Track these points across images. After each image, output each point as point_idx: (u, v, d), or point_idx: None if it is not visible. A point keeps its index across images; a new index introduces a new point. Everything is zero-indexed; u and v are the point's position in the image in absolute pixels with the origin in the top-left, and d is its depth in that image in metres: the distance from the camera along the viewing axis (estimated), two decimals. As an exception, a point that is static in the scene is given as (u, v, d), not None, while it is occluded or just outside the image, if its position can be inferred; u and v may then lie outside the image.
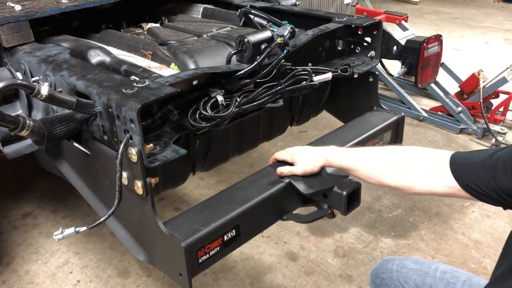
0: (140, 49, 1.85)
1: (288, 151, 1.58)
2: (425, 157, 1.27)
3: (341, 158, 1.45)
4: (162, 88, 1.31)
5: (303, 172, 1.51)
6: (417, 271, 1.44)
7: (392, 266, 1.48)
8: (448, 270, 1.42)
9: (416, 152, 1.31)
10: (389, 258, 1.54)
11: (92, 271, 2.34)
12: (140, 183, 1.26)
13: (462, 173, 1.15)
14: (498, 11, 7.23)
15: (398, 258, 1.51)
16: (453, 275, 1.40)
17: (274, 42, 1.61)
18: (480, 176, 1.10)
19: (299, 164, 1.52)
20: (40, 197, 2.91)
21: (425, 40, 1.96)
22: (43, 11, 1.83)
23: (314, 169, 1.50)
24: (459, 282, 1.37)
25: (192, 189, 2.93)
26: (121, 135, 1.28)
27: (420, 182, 1.25)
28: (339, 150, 1.48)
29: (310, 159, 1.50)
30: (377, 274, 1.51)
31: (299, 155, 1.54)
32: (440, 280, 1.39)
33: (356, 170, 1.40)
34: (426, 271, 1.43)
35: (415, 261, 1.48)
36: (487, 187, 1.09)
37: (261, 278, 2.29)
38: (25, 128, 1.27)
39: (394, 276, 1.45)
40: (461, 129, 3.58)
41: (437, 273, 1.41)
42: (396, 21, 4.00)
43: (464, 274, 1.40)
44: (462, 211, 2.74)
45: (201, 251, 1.29)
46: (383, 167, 1.33)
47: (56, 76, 1.55)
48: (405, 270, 1.45)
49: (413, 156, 1.30)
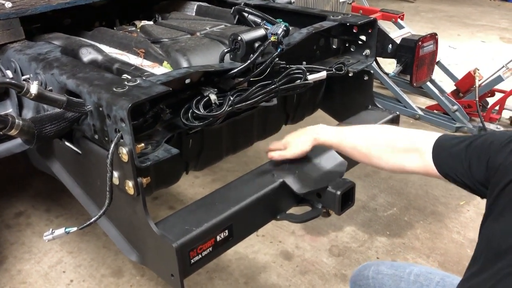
0: (132, 47, 1.83)
1: (282, 140, 1.63)
2: (410, 137, 1.33)
3: (329, 136, 1.49)
4: (154, 87, 1.30)
5: (293, 155, 1.56)
6: (392, 276, 1.44)
7: (368, 273, 1.48)
8: (422, 272, 1.43)
9: (401, 132, 1.39)
10: (366, 264, 1.54)
11: (85, 271, 2.32)
12: (131, 183, 1.25)
13: (442, 161, 1.22)
14: (494, 10, 7.23)
15: (374, 264, 1.51)
16: (426, 277, 1.41)
17: (268, 41, 1.59)
18: (458, 166, 1.15)
19: (289, 148, 1.57)
20: (34, 196, 2.89)
21: (420, 39, 1.94)
22: (34, 8, 1.81)
23: (304, 150, 1.55)
24: (432, 283, 1.39)
25: (186, 188, 2.92)
26: (112, 134, 1.26)
27: (406, 162, 1.31)
28: (327, 128, 1.53)
29: (299, 141, 1.55)
30: (355, 282, 1.52)
31: (289, 140, 1.59)
32: (413, 284, 1.40)
33: (343, 147, 1.45)
34: (400, 275, 1.44)
35: (390, 265, 1.49)
36: (464, 176, 1.14)
37: (255, 277, 2.28)
38: (14, 127, 1.25)
39: (371, 283, 1.46)
40: (457, 128, 3.58)
41: (410, 277, 1.42)
42: (392, 19, 3.98)
43: (438, 275, 1.41)
44: (458, 210, 2.73)
45: (193, 252, 1.28)
46: (369, 145, 1.39)
47: (47, 74, 1.54)
48: (380, 276, 1.45)
49: (398, 136, 1.37)
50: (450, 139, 1.23)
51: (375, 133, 1.43)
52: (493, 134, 1.13)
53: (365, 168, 3.04)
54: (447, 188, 2.87)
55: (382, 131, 1.43)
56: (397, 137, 1.37)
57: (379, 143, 1.38)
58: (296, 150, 1.55)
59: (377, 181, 2.99)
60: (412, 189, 2.91)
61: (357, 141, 1.43)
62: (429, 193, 2.87)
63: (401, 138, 1.35)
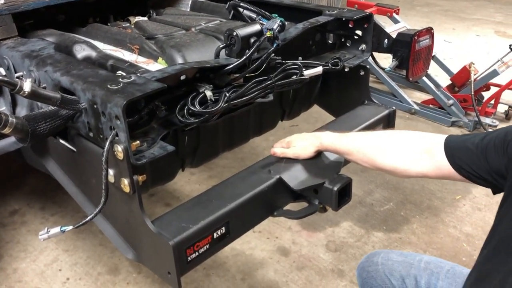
0: (127, 43, 1.82)
1: (286, 138, 1.63)
2: (419, 140, 1.31)
3: (335, 142, 1.48)
4: (149, 83, 1.29)
5: (295, 155, 1.56)
6: (402, 263, 1.45)
7: (378, 259, 1.49)
8: (432, 260, 1.45)
9: (409, 135, 1.36)
10: (375, 252, 1.55)
11: (81, 269, 2.31)
12: (126, 181, 1.24)
13: (455, 156, 1.20)
14: (489, 3, 7.23)
15: (384, 251, 1.53)
16: (437, 265, 1.42)
17: (264, 36, 1.58)
18: (473, 158, 1.15)
19: (292, 148, 1.57)
20: (29, 194, 2.87)
21: (416, 33, 1.94)
22: (26, 5, 1.78)
23: (307, 153, 1.55)
24: (443, 271, 1.40)
25: (182, 185, 2.91)
26: (107, 132, 1.25)
27: (413, 164, 1.29)
28: (334, 135, 1.52)
29: (305, 143, 1.55)
30: (363, 267, 1.53)
31: (294, 140, 1.59)
32: (424, 271, 1.41)
33: (351, 154, 1.44)
34: (410, 262, 1.45)
35: (400, 253, 1.50)
36: (480, 168, 1.13)
37: (252, 273, 2.27)
38: (7, 125, 1.24)
39: (380, 269, 1.46)
40: (453, 122, 3.59)
41: (421, 264, 1.44)
42: (388, 13, 3.98)
43: (447, 264, 1.43)
44: (454, 204, 2.74)
45: (190, 249, 1.27)
46: (377, 151, 1.37)
47: (40, 71, 1.52)
48: (390, 263, 1.46)
49: (406, 139, 1.35)
50: (460, 136, 1.24)
51: (382, 137, 1.41)
52: (506, 128, 1.13)
53: (361, 163, 3.04)
54: (443, 182, 2.88)
55: (390, 135, 1.41)
56: (405, 140, 1.35)
57: (385, 147, 1.36)
58: (299, 151, 1.55)
59: (373, 176, 2.99)
60: (408, 184, 2.91)
61: (363, 146, 1.41)
62: (425, 188, 2.87)
63: (410, 141, 1.33)
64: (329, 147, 1.51)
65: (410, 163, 1.29)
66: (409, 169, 1.30)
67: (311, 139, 1.55)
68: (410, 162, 1.30)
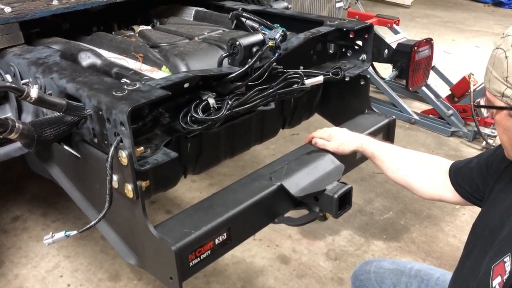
0: (131, 51, 1.84)
1: (326, 130, 1.68)
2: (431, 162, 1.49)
3: (375, 147, 1.56)
4: (153, 90, 1.31)
5: (335, 149, 1.61)
6: (393, 270, 1.48)
7: (370, 268, 1.52)
8: (423, 268, 1.48)
9: (438, 161, 1.50)
10: (368, 261, 1.58)
11: (82, 275, 2.32)
12: (130, 186, 1.25)
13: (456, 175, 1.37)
14: (488, 15, 7.29)
15: (376, 260, 1.56)
16: (427, 272, 1.46)
17: (266, 45, 1.61)
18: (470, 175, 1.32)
19: (333, 142, 1.61)
20: (30, 200, 2.88)
21: (416, 44, 1.97)
22: (33, 13, 1.81)
23: (346, 149, 1.60)
24: (433, 278, 1.43)
25: (183, 192, 2.92)
26: (111, 138, 1.27)
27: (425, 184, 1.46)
28: (374, 140, 1.61)
29: (346, 139, 1.60)
30: (356, 276, 1.55)
31: (336, 134, 1.64)
32: (414, 278, 1.44)
33: (386, 162, 1.53)
34: (401, 270, 1.48)
35: (392, 261, 1.54)
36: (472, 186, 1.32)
37: (252, 281, 2.28)
38: (14, 131, 1.25)
39: (372, 277, 1.49)
40: (452, 132, 3.61)
41: (412, 272, 1.47)
42: (388, 24, 4.02)
43: (438, 272, 1.46)
44: (453, 213, 2.75)
45: (192, 255, 1.28)
46: (410, 167, 1.50)
47: (46, 78, 1.54)
48: (382, 271, 1.49)
49: (435, 164, 1.48)
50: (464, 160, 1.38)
51: (414, 161, 1.53)
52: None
53: (361, 172, 3.06)
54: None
55: (419, 160, 1.53)
56: (432, 165, 1.49)
57: (416, 172, 1.49)
58: (339, 147, 1.60)
59: (373, 185, 3.00)
60: (408, 193, 2.89)
61: (400, 163, 1.53)
62: (425, 197, 2.88)
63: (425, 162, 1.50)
64: (367, 151, 1.57)
65: (434, 188, 1.45)
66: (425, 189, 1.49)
67: (354, 139, 1.60)
68: (434, 187, 1.45)
